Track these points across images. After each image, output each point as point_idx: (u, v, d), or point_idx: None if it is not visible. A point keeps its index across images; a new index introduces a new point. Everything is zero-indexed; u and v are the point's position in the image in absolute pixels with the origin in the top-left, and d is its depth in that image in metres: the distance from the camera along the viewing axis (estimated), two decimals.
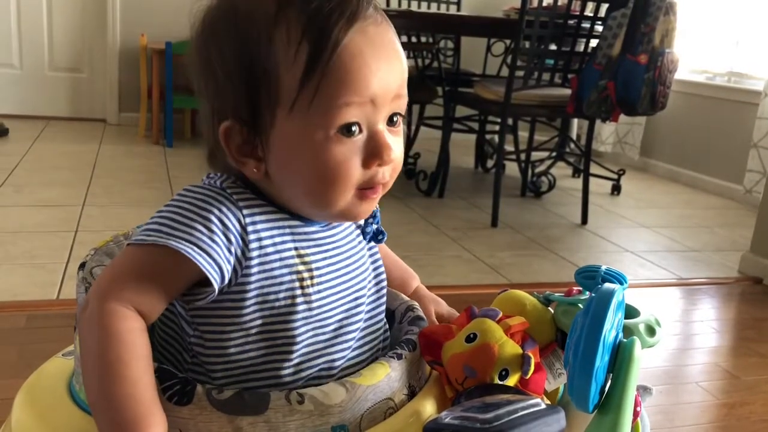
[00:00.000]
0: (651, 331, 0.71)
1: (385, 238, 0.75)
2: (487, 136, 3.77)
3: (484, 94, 2.89)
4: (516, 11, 2.98)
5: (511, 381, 0.66)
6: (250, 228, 0.63)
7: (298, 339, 0.65)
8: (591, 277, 0.73)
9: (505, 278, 2.21)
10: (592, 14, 2.80)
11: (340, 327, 0.68)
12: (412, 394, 0.69)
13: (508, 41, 3.51)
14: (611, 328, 0.63)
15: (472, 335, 0.67)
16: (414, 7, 3.80)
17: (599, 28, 2.78)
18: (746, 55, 3.75)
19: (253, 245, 0.62)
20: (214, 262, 0.60)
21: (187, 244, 0.59)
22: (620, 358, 0.65)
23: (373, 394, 0.64)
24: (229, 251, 0.61)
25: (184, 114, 4.03)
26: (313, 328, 0.66)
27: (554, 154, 3.69)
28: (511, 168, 3.61)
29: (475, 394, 0.64)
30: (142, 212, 2.56)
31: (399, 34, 0.66)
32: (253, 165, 0.64)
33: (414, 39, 3.32)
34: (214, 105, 0.64)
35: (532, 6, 2.66)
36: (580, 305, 0.72)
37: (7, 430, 0.69)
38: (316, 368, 0.67)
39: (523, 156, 3.39)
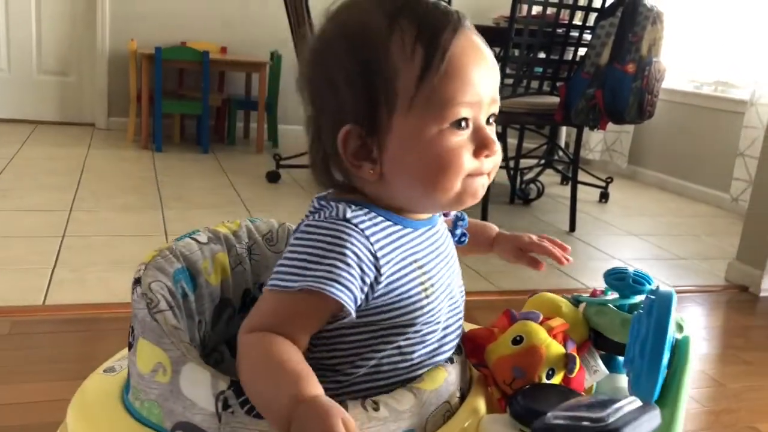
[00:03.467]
0: (680, 328, 0.75)
1: (467, 240, 0.85)
2: None
3: None
4: (505, 19, 3.00)
5: (556, 380, 0.71)
6: (379, 254, 0.67)
7: (422, 339, 0.71)
8: (621, 278, 0.81)
9: (494, 285, 2.22)
10: (580, 23, 2.81)
11: (447, 326, 0.74)
12: (462, 396, 0.72)
13: (497, 49, 3.52)
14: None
15: (518, 338, 0.72)
16: None
17: (588, 37, 2.80)
18: (733, 64, 3.79)
19: (384, 269, 0.67)
20: (352, 294, 0.64)
21: (329, 282, 0.63)
22: (678, 355, 0.69)
23: (436, 398, 0.68)
24: (363, 281, 0.66)
25: (173, 119, 4.02)
26: (431, 330, 0.71)
27: (543, 161, 3.70)
28: (500, 175, 3.59)
29: (532, 393, 0.67)
30: (131, 217, 2.55)
31: None
32: (368, 167, 0.69)
33: None
34: (334, 115, 0.69)
35: (521, 14, 2.68)
36: (610, 305, 0.79)
37: None
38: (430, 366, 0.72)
39: (511, 163, 3.40)
